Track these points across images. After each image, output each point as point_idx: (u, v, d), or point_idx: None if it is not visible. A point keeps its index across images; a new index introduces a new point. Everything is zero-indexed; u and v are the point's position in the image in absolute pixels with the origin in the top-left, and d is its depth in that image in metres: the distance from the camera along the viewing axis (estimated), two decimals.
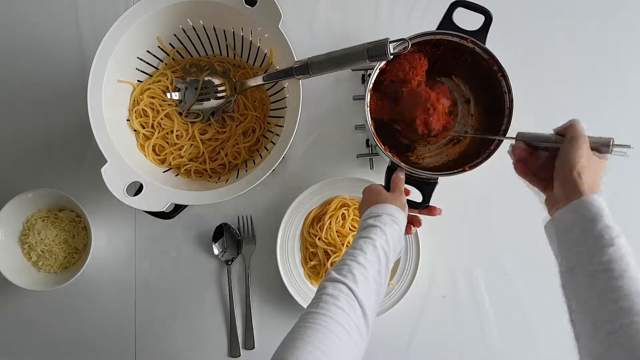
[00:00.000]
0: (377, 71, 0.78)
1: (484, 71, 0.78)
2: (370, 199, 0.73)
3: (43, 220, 0.90)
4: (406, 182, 0.76)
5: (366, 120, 0.78)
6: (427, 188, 0.76)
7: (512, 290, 0.92)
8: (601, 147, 0.61)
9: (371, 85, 0.78)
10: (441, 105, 0.80)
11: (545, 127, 0.94)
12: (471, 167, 0.75)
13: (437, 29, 0.78)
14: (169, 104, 0.87)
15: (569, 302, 0.56)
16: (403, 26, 0.95)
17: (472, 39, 0.76)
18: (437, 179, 0.76)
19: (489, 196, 0.93)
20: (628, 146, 0.60)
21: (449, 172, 0.75)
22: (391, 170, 0.77)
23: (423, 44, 0.79)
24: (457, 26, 0.77)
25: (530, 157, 0.67)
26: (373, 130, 0.78)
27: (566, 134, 0.62)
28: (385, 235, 0.64)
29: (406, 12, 0.96)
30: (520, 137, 0.67)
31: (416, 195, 0.77)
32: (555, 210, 0.59)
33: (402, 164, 0.76)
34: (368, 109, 0.78)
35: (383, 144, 0.78)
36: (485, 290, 0.92)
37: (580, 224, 0.55)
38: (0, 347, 0.92)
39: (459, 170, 0.75)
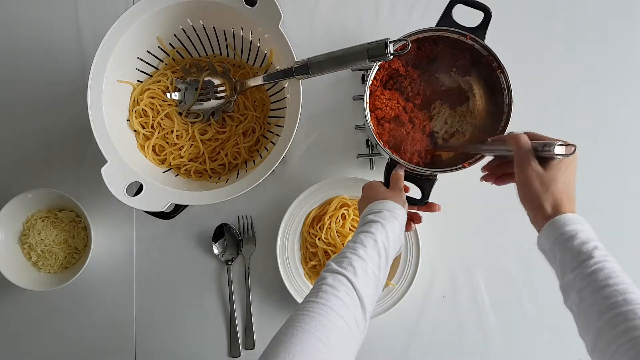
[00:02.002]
0: (377, 68, 0.78)
1: (483, 68, 0.78)
2: (369, 195, 0.73)
3: (43, 221, 0.90)
4: (405, 179, 0.76)
5: (365, 118, 0.78)
6: (426, 185, 0.76)
7: (512, 290, 0.92)
8: (547, 152, 0.61)
9: (370, 83, 0.78)
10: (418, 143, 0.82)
11: (545, 126, 0.95)
12: (470, 164, 0.75)
13: (436, 25, 0.78)
14: (169, 104, 0.87)
15: (574, 317, 0.57)
16: (403, 26, 0.95)
17: (472, 35, 0.76)
18: (436, 175, 0.76)
19: (489, 195, 0.92)
20: (573, 145, 0.59)
21: (448, 169, 0.76)
22: (390, 166, 0.77)
23: (422, 41, 0.79)
24: (457, 23, 0.78)
25: (501, 165, 0.71)
26: (372, 127, 0.78)
27: (513, 149, 0.63)
28: (386, 231, 0.65)
29: (406, 12, 0.96)
30: (488, 147, 0.70)
31: (415, 192, 0.77)
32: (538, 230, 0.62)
33: (401, 160, 0.76)
34: (367, 106, 0.78)
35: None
36: (485, 290, 0.92)
37: (556, 246, 0.57)
38: (0, 347, 0.92)
39: (458, 167, 0.75)
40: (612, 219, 0.93)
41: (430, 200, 0.76)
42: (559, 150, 0.59)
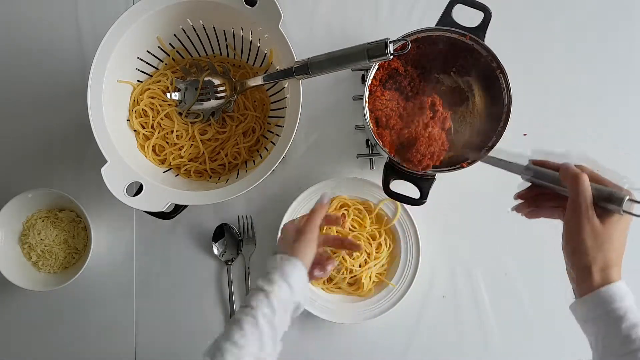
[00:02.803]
0: (376, 67, 0.78)
1: (482, 68, 0.78)
2: (280, 243, 0.70)
3: (43, 221, 0.90)
4: (404, 178, 0.75)
5: (365, 118, 0.78)
6: (424, 184, 0.76)
7: (512, 290, 0.92)
8: (610, 204, 0.52)
9: (369, 82, 0.78)
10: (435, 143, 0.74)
11: (544, 126, 0.95)
12: (469, 164, 0.75)
13: (436, 25, 0.78)
14: (169, 104, 0.87)
15: None
16: (403, 26, 0.95)
17: (471, 35, 0.76)
18: (435, 175, 0.76)
19: (489, 195, 0.93)
20: None
21: (447, 169, 0.75)
22: (388, 167, 0.77)
23: (422, 41, 0.79)
24: (457, 23, 0.78)
25: (537, 195, 0.62)
26: (372, 127, 0.78)
27: (568, 189, 0.54)
28: (269, 302, 0.60)
29: (406, 12, 0.96)
30: (527, 173, 0.60)
31: (407, 191, 0.77)
32: (575, 288, 0.56)
33: (400, 160, 0.76)
34: (367, 105, 0.78)
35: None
36: (485, 290, 0.92)
37: (602, 323, 0.52)
38: (0, 347, 0.92)
39: (457, 166, 0.75)
40: None
41: (428, 200, 0.76)
42: (628, 207, 0.50)
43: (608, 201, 0.52)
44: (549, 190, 0.58)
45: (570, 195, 0.54)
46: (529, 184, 0.61)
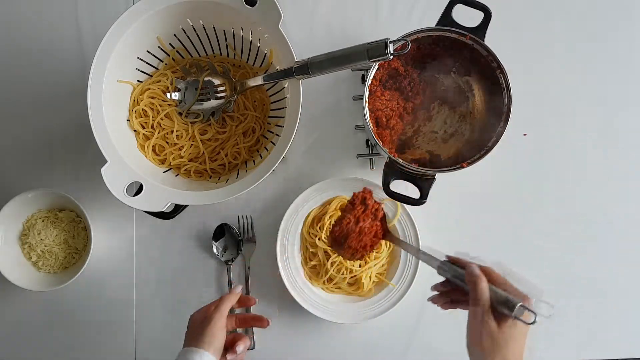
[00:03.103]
0: (376, 67, 0.78)
1: (482, 68, 0.79)
2: (187, 335, 0.70)
3: (43, 221, 0.90)
4: (404, 178, 0.76)
5: (365, 118, 0.78)
6: (424, 184, 0.76)
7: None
8: (505, 309, 0.54)
9: (369, 82, 0.78)
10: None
11: (544, 126, 0.95)
12: (469, 164, 0.75)
13: (436, 25, 0.78)
14: (169, 104, 0.87)
15: None
16: (403, 26, 0.95)
17: (471, 35, 0.77)
18: (435, 175, 0.76)
19: (489, 195, 0.93)
20: (534, 315, 0.52)
21: (446, 169, 0.75)
22: (388, 167, 0.77)
23: (422, 41, 0.79)
24: (457, 23, 0.78)
25: (453, 291, 0.64)
26: (372, 127, 0.78)
27: (469, 291, 0.56)
28: None
29: (406, 12, 0.96)
30: (442, 268, 0.62)
31: (413, 191, 0.76)
32: None
33: (399, 160, 0.76)
34: (367, 105, 0.78)
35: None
36: None
37: None
38: (0, 347, 0.92)
39: (457, 167, 0.75)
40: (613, 220, 0.93)
41: (428, 200, 0.76)
42: (519, 314, 0.52)
43: (504, 305, 0.54)
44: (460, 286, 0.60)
45: (470, 297, 0.56)
46: (444, 278, 0.64)
